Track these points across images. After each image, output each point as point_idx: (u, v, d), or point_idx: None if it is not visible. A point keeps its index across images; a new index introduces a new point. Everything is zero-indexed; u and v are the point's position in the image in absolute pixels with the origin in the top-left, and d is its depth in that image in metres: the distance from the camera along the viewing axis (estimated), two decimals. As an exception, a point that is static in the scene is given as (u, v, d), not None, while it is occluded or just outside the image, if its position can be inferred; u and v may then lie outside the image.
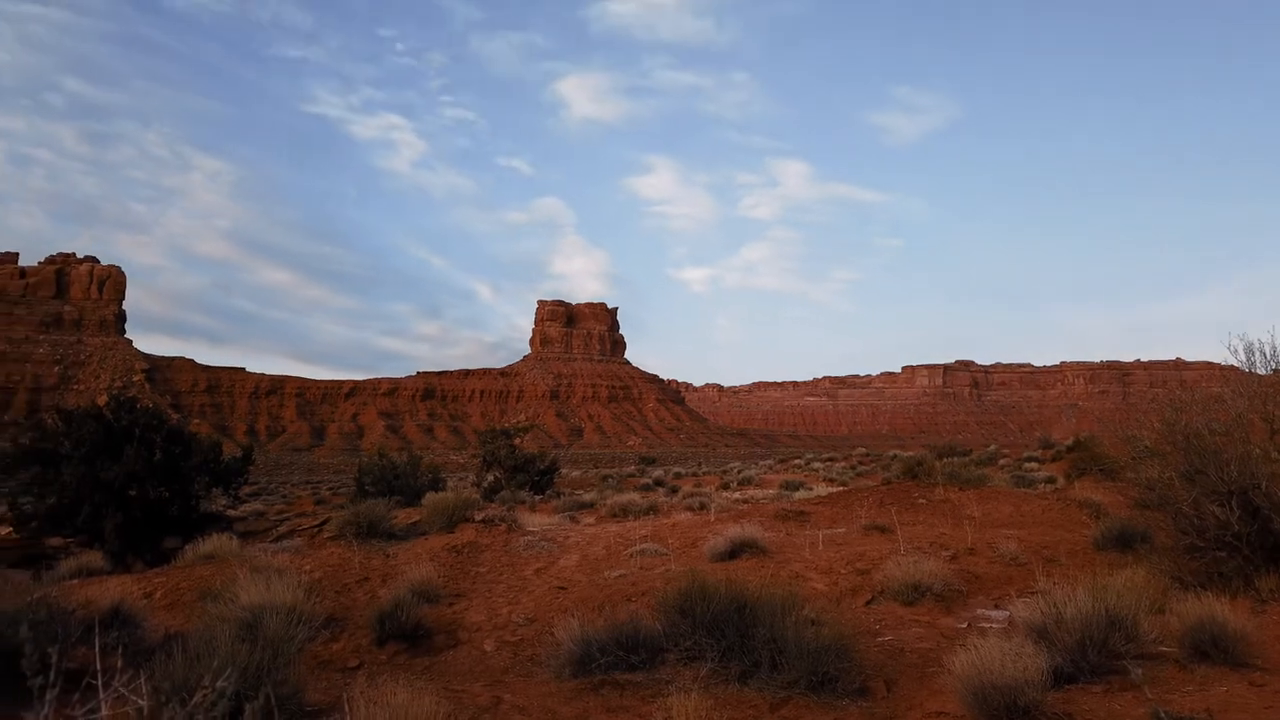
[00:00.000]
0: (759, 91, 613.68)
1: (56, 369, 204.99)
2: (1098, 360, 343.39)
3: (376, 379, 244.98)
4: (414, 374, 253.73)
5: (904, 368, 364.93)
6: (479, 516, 13.98)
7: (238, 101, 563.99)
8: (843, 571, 9.20)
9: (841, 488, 23.09)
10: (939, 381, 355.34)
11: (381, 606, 8.09)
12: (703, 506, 18.70)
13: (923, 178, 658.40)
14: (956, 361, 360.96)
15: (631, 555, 10.80)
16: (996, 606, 7.89)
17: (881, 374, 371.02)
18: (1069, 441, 32.27)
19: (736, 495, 25.45)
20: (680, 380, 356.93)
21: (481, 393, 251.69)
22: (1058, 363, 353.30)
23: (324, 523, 18.91)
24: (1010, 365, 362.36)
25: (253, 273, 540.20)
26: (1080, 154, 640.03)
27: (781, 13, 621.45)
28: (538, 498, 28.52)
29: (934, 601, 8.01)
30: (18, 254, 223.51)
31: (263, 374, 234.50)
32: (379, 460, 28.05)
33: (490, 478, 34.21)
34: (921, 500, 14.09)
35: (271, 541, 15.29)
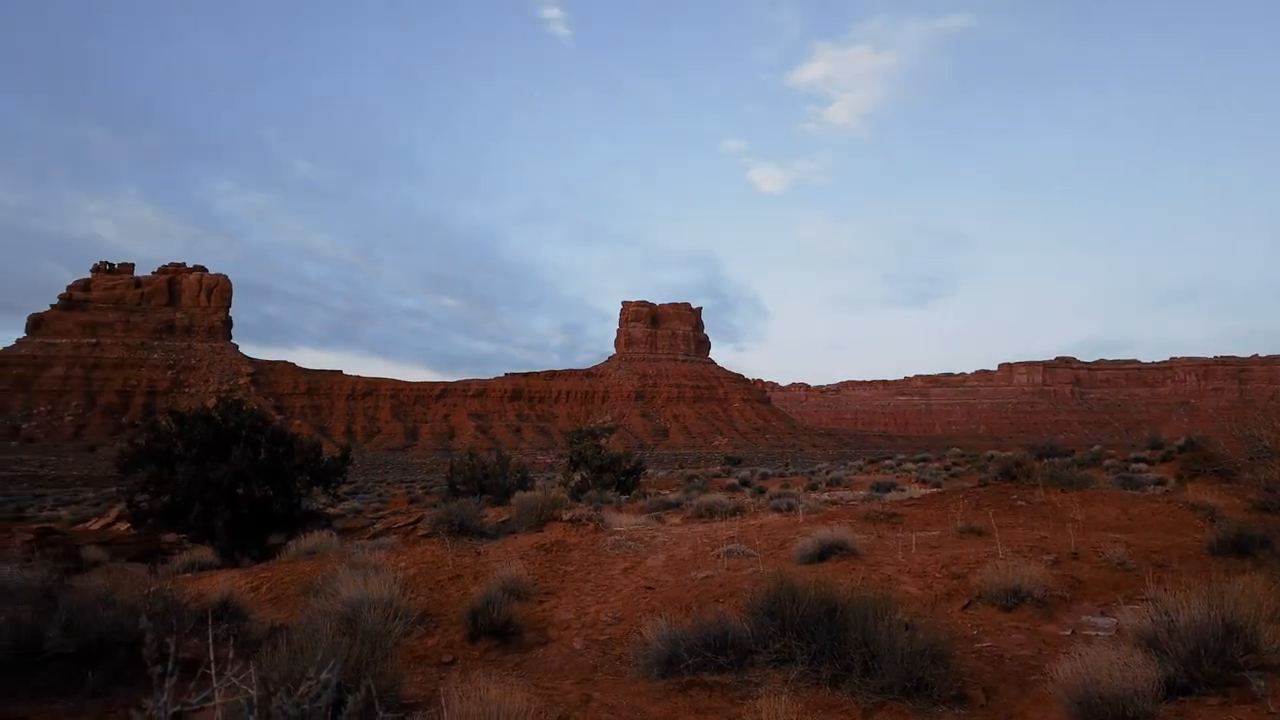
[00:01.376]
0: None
1: (169, 373, 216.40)
2: (1211, 356, 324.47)
3: (466, 381, 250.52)
4: (502, 375, 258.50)
5: (1001, 365, 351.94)
6: (567, 516, 14.14)
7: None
8: (937, 575, 8.94)
9: (935, 489, 22.47)
10: (1038, 379, 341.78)
11: (473, 603, 8.24)
12: (790, 508, 18.46)
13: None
14: (1057, 359, 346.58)
15: (718, 556, 10.73)
16: (1102, 614, 7.53)
17: (977, 372, 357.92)
18: (1180, 441, 30.65)
19: (825, 496, 25.04)
20: (766, 380, 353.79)
21: (568, 394, 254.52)
22: (1167, 359, 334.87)
23: (418, 521, 19.43)
24: (1115, 362, 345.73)
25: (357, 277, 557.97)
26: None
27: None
28: (624, 498, 28.67)
29: (1034, 607, 7.70)
30: (133, 265, 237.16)
31: (358, 376, 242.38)
32: (469, 460, 28.68)
33: (577, 477, 34.57)
34: (1020, 502, 13.57)
35: (368, 539, 15.77)
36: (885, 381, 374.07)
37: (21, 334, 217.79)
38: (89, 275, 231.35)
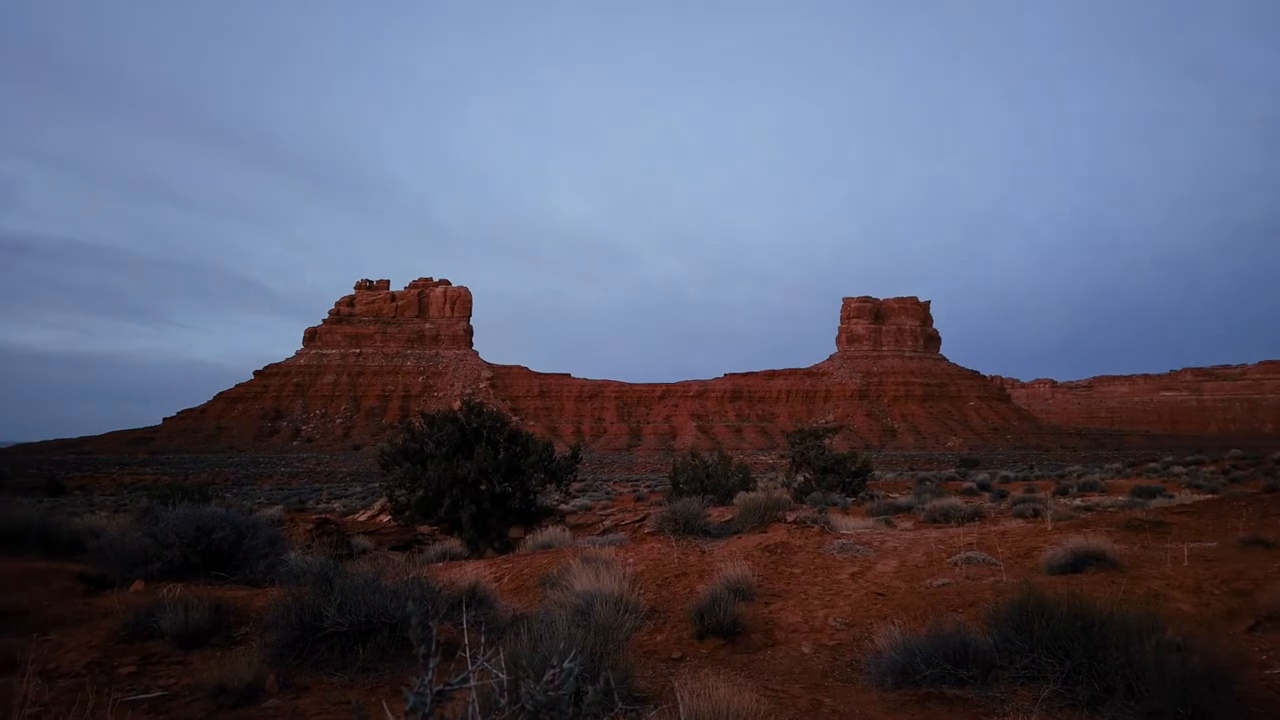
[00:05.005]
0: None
1: (420, 379, 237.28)
2: None
3: (687, 382, 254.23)
4: (721, 376, 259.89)
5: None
6: (790, 517, 13.94)
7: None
8: (1215, 592, 7.93)
9: (1211, 495, 20.02)
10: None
11: (700, 601, 8.31)
12: (1036, 513, 17.16)
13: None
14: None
15: (955, 563, 10.16)
16: None
17: (1260, 363, 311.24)
18: None
19: (1077, 502, 23.03)
20: (1005, 376, 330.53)
21: (788, 393, 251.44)
22: None
23: (644, 518, 19.94)
24: None
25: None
26: None
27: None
28: (850, 500, 27.93)
29: (1342, 634, 6.63)
30: (388, 280, 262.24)
31: (585, 379, 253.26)
32: (692, 460, 29.06)
33: (800, 478, 34.09)
34: (1319, 512, 11.77)
35: (598, 535, 16.37)
36: (1146, 376, 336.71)
37: (300, 346, 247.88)
38: (353, 292, 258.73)
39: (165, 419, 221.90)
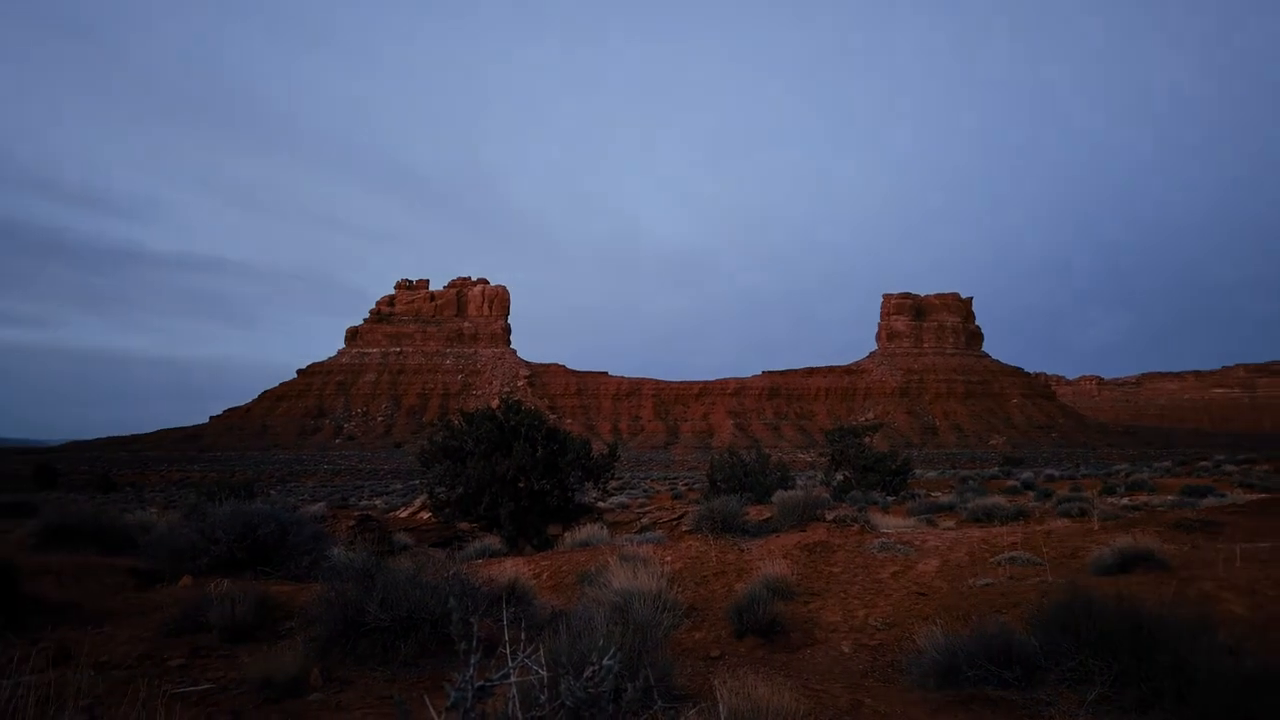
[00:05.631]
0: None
1: (459, 377, 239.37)
2: None
3: (724, 380, 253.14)
4: (759, 373, 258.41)
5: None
6: (830, 516, 13.84)
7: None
8: (1270, 594, 7.70)
9: (1264, 495, 19.49)
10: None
11: (738, 600, 8.28)
12: (1083, 513, 16.85)
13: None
14: None
15: (999, 563, 10.01)
16: None
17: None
18: None
19: (1124, 501, 22.57)
20: (1050, 373, 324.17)
21: (827, 391, 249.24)
22: None
23: (681, 516, 19.94)
24: None
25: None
26: None
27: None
28: (890, 499, 27.65)
29: (1406, 639, 6.41)
30: (428, 280, 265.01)
31: (622, 377, 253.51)
32: (729, 458, 28.97)
33: (839, 477, 33.85)
34: (1380, 513, 11.41)
35: (635, 533, 16.39)
36: (1197, 373, 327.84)
37: (342, 345, 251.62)
38: (393, 291, 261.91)
39: (212, 417, 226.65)
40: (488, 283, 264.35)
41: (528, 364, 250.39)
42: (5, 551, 8.82)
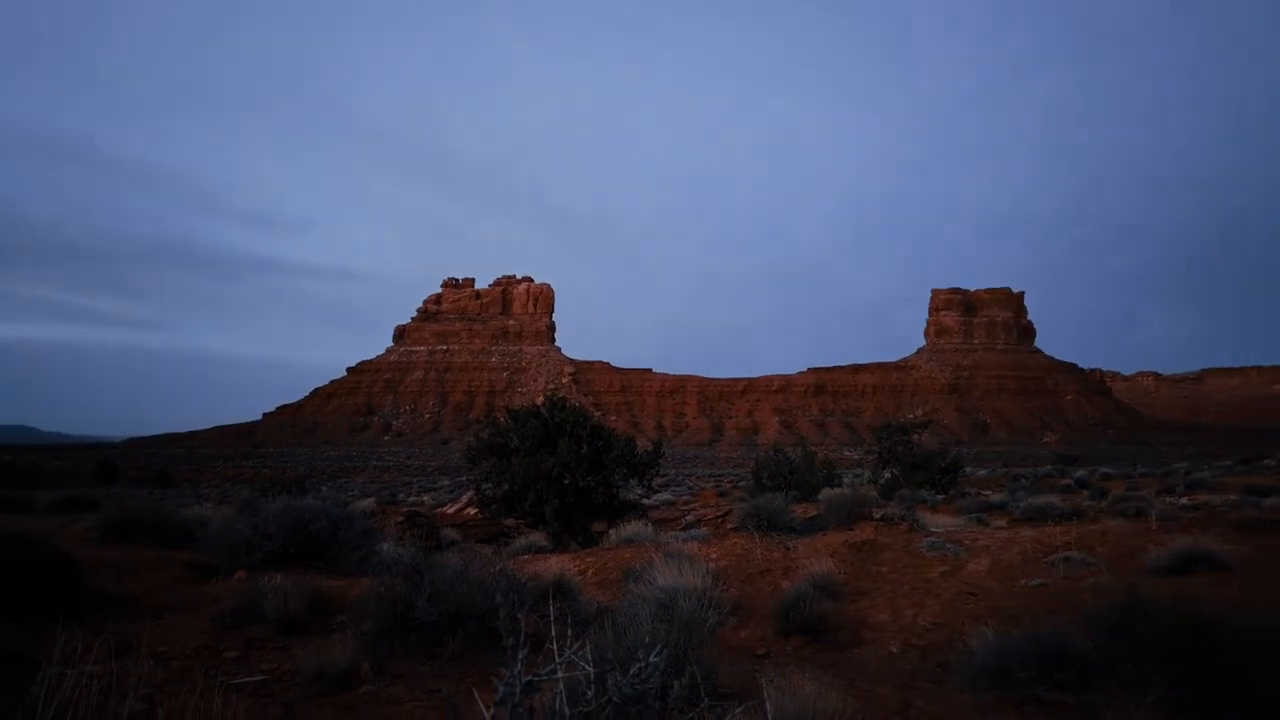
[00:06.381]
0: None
1: (505, 375, 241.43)
2: None
3: (769, 376, 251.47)
4: (804, 370, 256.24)
5: None
6: (877, 514, 13.67)
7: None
8: (1338, 598, 7.45)
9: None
10: None
11: (785, 598, 8.23)
12: (1140, 512, 16.43)
13: None
14: None
15: (1052, 564, 9.79)
16: None
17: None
18: None
19: (1184, 500, 21.97)
20: (1105, 370, 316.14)
21: (874, 388, 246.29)
22: None
23: (726, 514, 19.88)
24: None
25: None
26: None
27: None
28: (939, 497, 27.25)
29: None
30: (473, 279, 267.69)
31: (667, 374, 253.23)
32: (775, 455, 28.82)
33: (887, 475, 33.44)
34: None
35: (680, 530, 16.37)
36: (1260, 368, 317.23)
37: (390, 343, 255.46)
38: (440, 290, 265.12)
39: (265, 414, 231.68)
40: (532, 280, 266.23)
41: (572, 361, 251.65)
42: (67, 546, 9.11)
